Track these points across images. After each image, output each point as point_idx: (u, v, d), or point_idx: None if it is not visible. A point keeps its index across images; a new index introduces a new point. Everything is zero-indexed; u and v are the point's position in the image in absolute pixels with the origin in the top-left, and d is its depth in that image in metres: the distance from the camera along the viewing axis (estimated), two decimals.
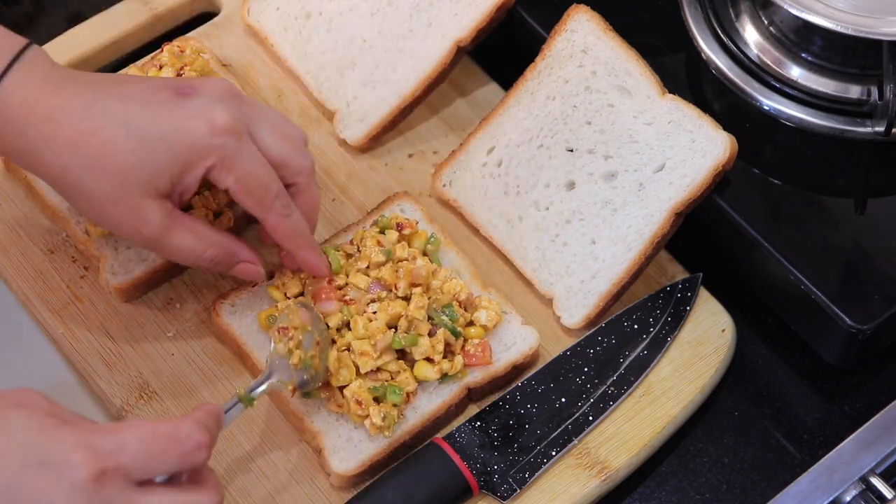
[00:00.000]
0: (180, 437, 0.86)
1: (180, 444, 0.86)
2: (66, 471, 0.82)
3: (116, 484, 0.83)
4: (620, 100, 1.13)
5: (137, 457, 0.85)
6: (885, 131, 1.11)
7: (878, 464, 1.03)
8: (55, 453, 0.83)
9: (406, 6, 1.21)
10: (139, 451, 0.85)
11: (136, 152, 0.97)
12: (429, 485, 1.02)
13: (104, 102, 0.97)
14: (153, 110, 0.98)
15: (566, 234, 1.12)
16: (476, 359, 1.07)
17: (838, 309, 1.05)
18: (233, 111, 1.00)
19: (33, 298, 1.11)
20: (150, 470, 0.85)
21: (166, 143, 0.98)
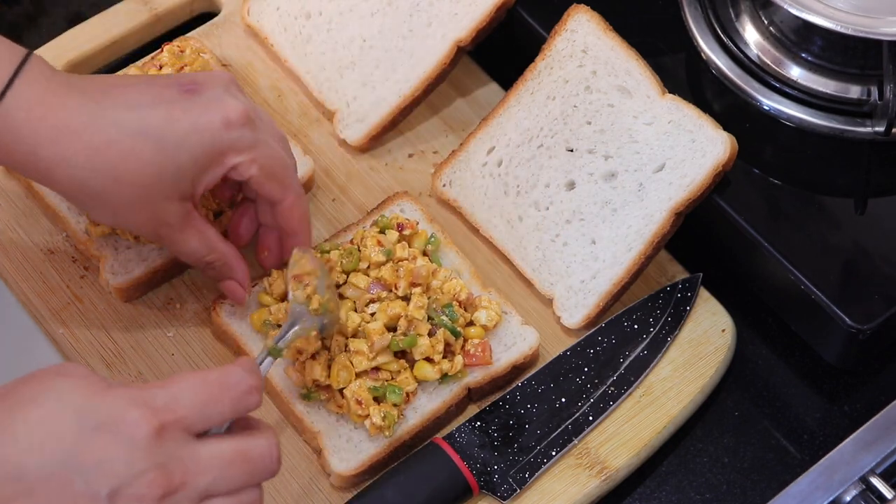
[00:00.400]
0: (231, 383, 0.86)
1: (232, 389, 0.86)
2: (124, 430, 0.81)
3: (176, 437, 0.83)
4: (620, 100, 1.13)
5: (193, 407, 0.84)
6: (885, 131, 1.11)
7: (878, 464, 1.03)
8: (110, 414, 0.82)
9: (406, 6, 1.21)
10: (193, 401, 0.84)
11: (157, 161, 0.96)
12: (429, 485, 1.02)
13: (111, 112, 0.96)
14: (164, 112, 0.97)
15: (566, 234, 1.12)
16: (476, 359, 1.07)
17: (838, 309, 1.05)
18: (241, 100, 1.00)
19: (33, 298, 1.11)
20: (206, 419, 0.85)
21: (185, 146, 0.97)
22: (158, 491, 0.81)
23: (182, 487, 0.82)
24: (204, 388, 0.85)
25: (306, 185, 1.17)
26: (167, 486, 0.81)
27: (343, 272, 1.08)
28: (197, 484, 0.83)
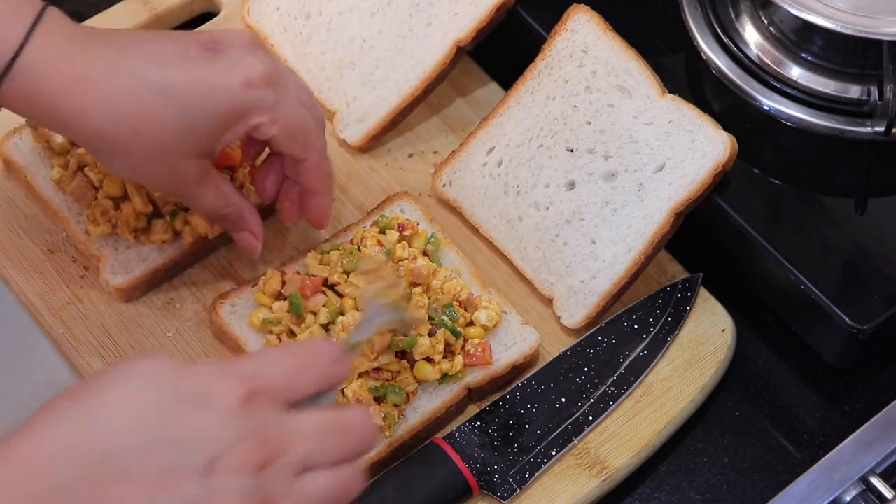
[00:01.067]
0: (317, 352, 0.84)
1: (319, 357, 0.83)
2: (214, 400, 0.78)
3: (267, 405, 0.79)
4: (620, 100, 1.13)
5: (281, 376, 0.81)
6: (885, 131, 1.11)
7: (878, 464, 1.03)
8: (197, 387, 0.79)
9: (406, 6, 1.21)
10: (281, 370, 0.82)
11: (175, 120, 0.96)
12: (429, 485, 1.02)
13: (132, 63, 0.96)
14: (185, 70, 0.96)
15: (566, 234, 1.12)
16: (476, 359, 1.07)
17: (838, 309, 1.05)
18: (264, 60, 0.99)
19: (33, 298, 1.11)
20: (295, 388, 0.82)
21: (205, 104, 0.97)
22: (256, 460, 0.77)
23: (280, 456, 0.78)
24: (290, 357, 0.83)
25: None
26: (265, 454, 0.78)
27: (344, 272, 1.08)
28: (295, 453, 0.79)
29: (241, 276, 1.14)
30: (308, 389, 0.83)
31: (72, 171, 1.12)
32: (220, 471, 0.77)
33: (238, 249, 1.15)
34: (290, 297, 1.06)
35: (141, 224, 1.11)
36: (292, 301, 1.06)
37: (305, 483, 0.80)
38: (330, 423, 0.82)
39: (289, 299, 1.07)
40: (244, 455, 0.77)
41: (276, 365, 0.82)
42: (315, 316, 1.06)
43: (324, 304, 1.06)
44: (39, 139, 1.14)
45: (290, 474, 0.79)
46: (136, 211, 1.10)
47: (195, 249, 1.13)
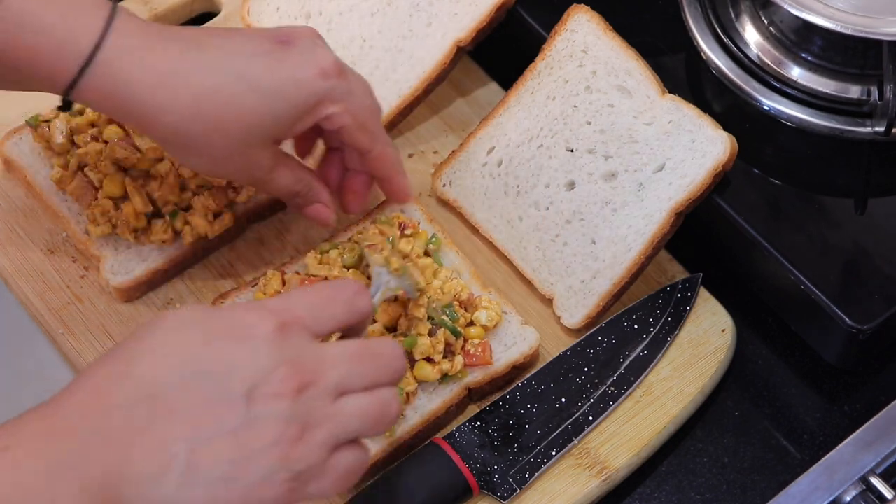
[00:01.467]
0: (342, 285, 0.87)
1: (342, 290, 0.86)
2: (247, 332, 0.81)
3: (299, 334, 0.83)
4: (620, 100, 1.13)
5: (308, 308, 0.84)
6: (885, 131, 1.11)
7: (878, 464, 1.03)
8: (230, 322, 0.82)
9: (406, 6, 1.21)
10: (308, 302, 0.85)
11: (258, 110, 0.98)
12: (429, 485, 1.02)
13: (214, 57, 0.98)
14: (264, 62, 0.99)
15: (566, 234, 1.12)
16: (476, 359, 1.07)
17: (838, 309, 1.05)
18: (330, 51, 1.02)
19: (33, 298, 1.11)
20: (324, 320, 0.85)
21: (285, 94, 0.99)
22: (293, 385, 0.80)
23: (315, 382, 0.81)
24: (315, 292, 0.86)
25: None
26: (300, 380, 0.81)
27: (344, 267, 1.08)
28: (329, 378, 0.82)
29: (241, 276, 1.14)
30: (335, 321, 0.86)
31: (72, 171, 1.12)
32: (259, 398, 0.80)
33: (238, 249, 1.15)
34: None
35: (141, 224, 1.11)
36: None
37: (343, 405, 0.83)
38: (360, 349, 0.85)
39: None
40: (281, 382, 0.80)
41: (303, 299, 0.85)
42: None
43: None
44: (39, 139, 1.14)
45: (327, 398, 0.82)
46: (136, 211, 1.10)
47: (195, 249, 1.13)
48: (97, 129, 1.13)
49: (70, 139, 1.13)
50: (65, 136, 1.13)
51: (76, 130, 1.13)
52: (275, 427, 0.80)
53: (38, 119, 1.15)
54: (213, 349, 0.81)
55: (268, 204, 1.15)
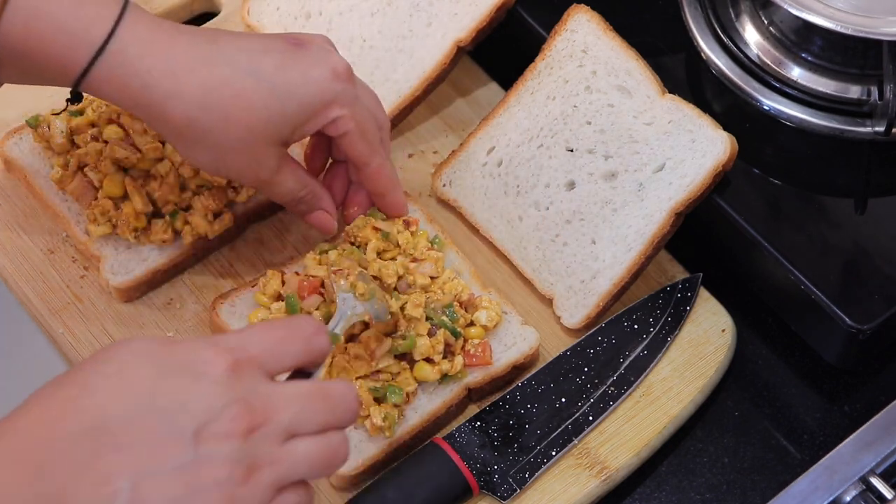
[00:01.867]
0: (299, 324, 0.86)
1: (300, 329, 0.85)
2: (201, 369, 0.80)
3: (252, 374, 0.81)
4: (620, 100, 1.13)
5: (265, 346, 0.83)
6: (885, 131, 1.11)
7: (878, 464, 1.03)
8: (185, 358, 0.81)
9: (406, 6, 1.21)
10: (264, 340, 0.84)
11: (267, 106, 0.98)
12: (429, 485, 1.02)
13: (226, 52, 0.98)
14: (277, 59, 0.99)
15: (566, 234, 1.12)
16: (476, 359, 1.07)
17: (838, 309, 1.05)
18: (342, 58, 1.02)
19: (33, 298, 1.11)
20: (280, 359, 0.84)
21: (295, 93, 0.99)
22: (243, 425, 0.79)
23: (266, 422, 0.80)
24: (273, 330, 0.85)
25: None
26: (251, 420, 0.80)
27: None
28: (280, 419, 0.81)
29: (241, 276, 1.14)
30: (290, 360, 0.85)
31: (72, 171, 1.12)
32: (208, 437, 0.79)
33: (238, 249, 1.15)
34: (287, 297, 1.06)
35: (141, 224, 1.11)
36: (288, 301, 1.06)
37: (292, 448, 0.82)
38: (312, 390, 0.84)
39: (285, 300, 1.07)
40: (231, 421, 0.79)
41: (259, 336, 0.84)
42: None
43: (317, 307, 1.06)
44: (39, 139, 1.14)
45: (276, 440, 0.81)
46: (136, 211, 1.10)
47: (195, 249, 1.13)
48: (97, 129, 1.13)
49: (70, 139, 1.13)
50: (65, 136, 1.13)
51: (76, 130, 1.13)
52: (221, 467, 0.79)
53: (38, 119, 1.15)
54: (165, 384, 0.80)
55: (268, 204, 1.15)
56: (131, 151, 1.11)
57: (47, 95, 1.19)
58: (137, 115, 1.01)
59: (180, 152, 1.03)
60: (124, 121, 1.12)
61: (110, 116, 1.13)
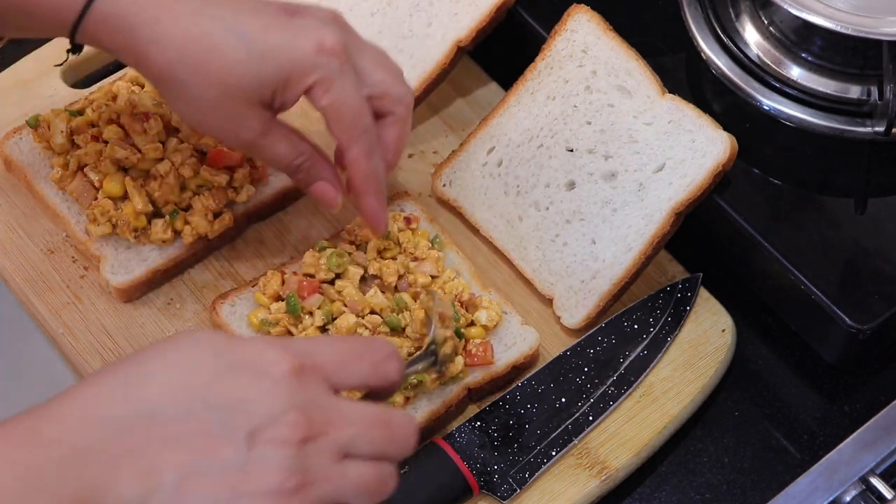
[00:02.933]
0: (373, 346, 0.83)
1: (373, 351, 0.82)
2: (263, 368, 0.78)
3: (317, 383, 0.79)
4: (620, 100, 1.13)
5: (333, 358, 0.80)
6: (885, 131, 1.11)
7: (878, 464, 1.03)
8: (248, 355, 0.78)
9: (406, 6, 1.21)
10: (334, 353, 0.81)
11: (243, 62, 0.97)
12: (429, 485, 1.02)
13: (215, 8, 0.98)
14: (264, 22, 0.98)
15: (566, 234, 1.12)
16: (477, 359, 1.07)
17: (838, 309, 1.05)
18: (339, 35, 1.00)
19: (33, 298, 1.11)
20: (346, 373, 0.81)
21: (274, 56, 0.98)
22: (300, 434, 0.77)
23: (323, 435, 0.78)
24: (345, 344, 0.83)
25: None
26: (308, 430, 0.77)
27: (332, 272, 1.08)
28: (339, 436, 0.78)
29: (241, 276, 1.14)
30: (357, 378, 0.82)
31: (72, 171, 1.12)
32: (262, 440, 0.76)
33: (238, 249, 1.15)
34: (287, 297, 1.06)
35: (141, 224, 1.11)
36: (288, 301, 1.06)
37: (345, 468, 0.79)
38: (375, 414, 0.81)
39: (285, 300, 1.07)
40: (289, 427, 0.77)
41: (329, 347, 0.81)
42: (312, 316, 1.06)
43: (318, 306, 1.06)
44: (39, 139, 1.14)
45: (331, 456, 0.78)
46: (136, 211, 1.10)
47: (195, 249, 1.13)
48: (97, 129, 1.13)
49: (70, 139, 1.13)
50: (65, 136, 1.13)
51: (76, 130, 1.13)
52: (272, 474, 0.76)
53: (38, 119, 1.15)
54: (224, 380, 0.77)
55: (268, 204, 1.15)
56: (131, 151, 1.11)
57: (47, 95, 1.20)
58: (127, 62, 1.01)
59: (168, 104, 1.02)
60: (124, 121, 1.12)
61: (110, 116, 1.13)
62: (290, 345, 0.80)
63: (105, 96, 1.14)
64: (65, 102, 1.17)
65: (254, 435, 0.76)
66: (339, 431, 0.79)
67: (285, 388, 0.78)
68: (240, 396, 0.77)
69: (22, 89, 1.20)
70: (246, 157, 1.13)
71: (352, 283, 1.07)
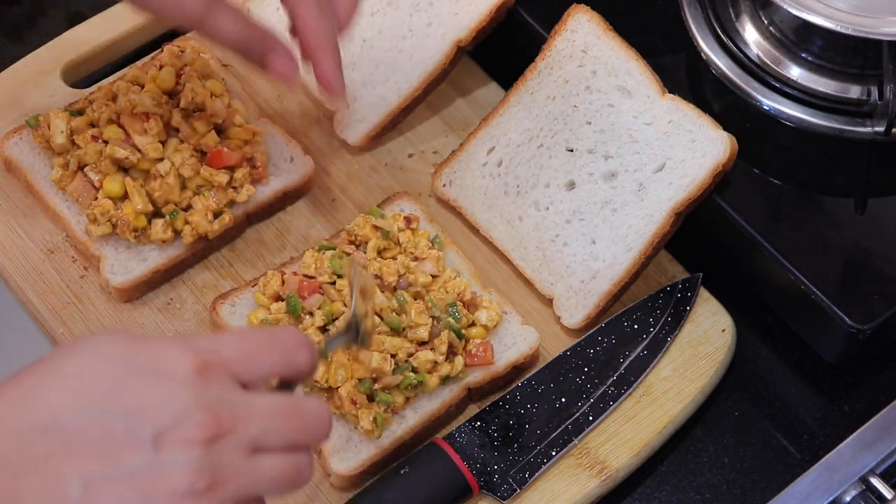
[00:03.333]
0: (281, 337, 0.80)
1: (281, 342, 0.80)
2: (167, 369, 0.76)
3: (223, 380, 0.76)
4: (620, 100, 1.13)
5: (239, 353, 0.78)
6: (885, 131, 1.11)
7: (879, 464, 1.03)
8: (150, 357, 0.76)
9: (406, 6, 1.21)
10: (240, 347, 0.79)
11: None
12: (429, 485, 1.02)
13: None
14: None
15: (566, 234, 1.12)
16: (478, 359, 1.07)
17: (838, 309, 1.05)
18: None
19: (33, 298, 1.11)
20: (254, 368, 0.79)
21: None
22: (206, 433, 0.75)
23: (231, 432, 0.76)
24: (251, 336, 0.80)
25: (306, 185, 1.17)
26: (215, 428, 0.75)
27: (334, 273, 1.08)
28: (247, 431, 0.76)
29: (241, 276, 1.14)
30: (266, 369, 0.80)
31: (72, 171, 1.12)
32: (168, 443, 0.74)
33: (238, 249, 1.15)
34: (287, 297, 1.06)
35: (141, 224, 1.11)
36: (289, 301, 1.06)
37: (256, 463, 0.77)
38: (284, 404, 0.79)
39: (285, 300, 1.07)
40: (195, 427, 0.75)
41: (234, 341, 0.79)
42: (312, 317, 1.06)
43: (319, 306, 1.06)
44: (39, 139, 1.14)
45: (242, 451, 0.76)
46: (136, 211, 1.10)
47: (195, 249, 1.13)
48: (97, 129, 1.13)
49: (70, 139, 1.13)
50: (65, 136, 1.13)
51: (76, 130, 1.13)
52: (180, 476, 0.74)
53: (38, 119, 1.15)
54: (125, 385, 0.75)
55: (268, 204, 1.15)
56: (131, 151, 1.11)
57: (47, 95, 1.20)
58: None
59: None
60: (124, 121, 1.12)
61: (110, 116, 1.13)
62: (194, 342, 0.78)
63: (105, 96, 1.14)
64: (65, 102, 1.17)
65: (160, 438, 0.74)
66: (248, 426, 0.77)
67: (189, 388, 0.76)
68: (143, 400, 0.75)
69: (22, 89, 1.20)
70: (246, 157, 1.13)
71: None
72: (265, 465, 0.77)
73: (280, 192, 1.16)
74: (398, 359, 1.04)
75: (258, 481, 0.77)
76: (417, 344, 1.05)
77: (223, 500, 0.75)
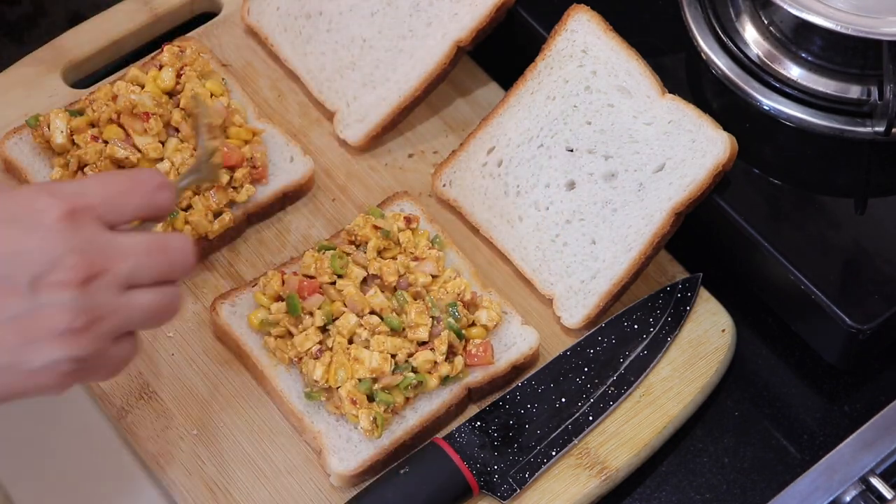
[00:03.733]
0: (141, 178, 0.85)
1: (142, 183, 0.85)
2: (35, 217, 0.80)
3: (90, 223, 0.81)
4: (620, 100, 1.13)
5: (104, 196, 0.83)
6: (885, 131, 1.11)
7: (878, 464, 1.03)
8: (18, 206, 0.80)
9: (406, 6, 1.21)
10: (103, 191, 0.83)
11: None
12: (429, 485, 1.02)
13: None
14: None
15: (566, 234, 1.12)
16: (478, 359, 1.07)
17: (838, 309, 1.05)
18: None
19: None
20: (118, 209, 0.84)
21: None
22: (80, 275, 0.80)
23: (104, 272, 0.81)
24: (114, 180, 0.85)
25: (306, 185, 1.17)
26: (88, 269, 0.80)
27: (335, 274, 1.08)
28: (119, 270, 0.81)
29: (241, 276, 1.14)
30: (131, 211, 0.84)
31: (72, 171, 1.12)
32: (45, 286, 0.79)
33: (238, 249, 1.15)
34: (287, 297, 1.06)
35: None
36: (289, 301, 1.06)
37: (131, 298, 0.82)
38: (151, 242, 0.84)
39: (286, 300, 1.07)
40: (68, 270, 0.79)
41: (99, 186, 0.83)
42: (312, 317, 1.06)
43: (319, 306, 1.06)
44: (39, 139, 1.14)
45: (115, 289, 0.81)
46: None
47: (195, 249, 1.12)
48: (97, 129, 1.13)
49: (70, 139, 1.13)
50: (65, 136, 1.13)
51: (76, 130, 1.13)
52: (61, 316, 0.79)
53: (38, 119, 1.15)
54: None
55: (268, 204, 1.15)
56: (131, 151, 1.11)
57: (47, 95, 1.20)
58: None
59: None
60: (124, 121, 1.12)
61: (110, 116, 1.13)
62: (60, 189, 0.82)
63: (105, 96, 1.14)
64: (65, 102, 1.17)
65: (35, 283, 0.79)
66: (119, 265, 0.81)
67: (60, 233, 0.80)
68: (16, 247, 0.79)
69: (22, 89, 1.20)
70: (246, 157, 1.13)
71: (353, 283, 1.07)
72: (137, 301, 0.83)
73: (280, 192, 1.16)
74: (398, 359, 1.04)
75: (132, 316, 0.82)
76: (417, 344, 1.06)
77: (100, 337, 0.80)
